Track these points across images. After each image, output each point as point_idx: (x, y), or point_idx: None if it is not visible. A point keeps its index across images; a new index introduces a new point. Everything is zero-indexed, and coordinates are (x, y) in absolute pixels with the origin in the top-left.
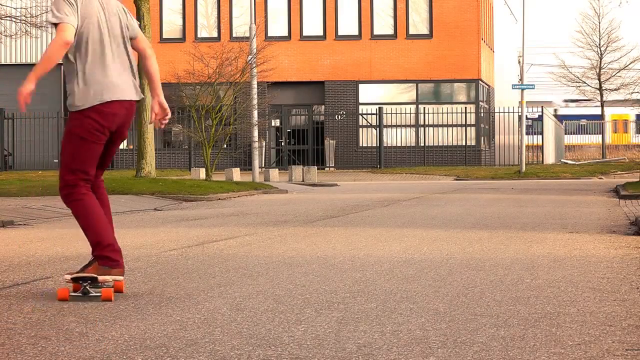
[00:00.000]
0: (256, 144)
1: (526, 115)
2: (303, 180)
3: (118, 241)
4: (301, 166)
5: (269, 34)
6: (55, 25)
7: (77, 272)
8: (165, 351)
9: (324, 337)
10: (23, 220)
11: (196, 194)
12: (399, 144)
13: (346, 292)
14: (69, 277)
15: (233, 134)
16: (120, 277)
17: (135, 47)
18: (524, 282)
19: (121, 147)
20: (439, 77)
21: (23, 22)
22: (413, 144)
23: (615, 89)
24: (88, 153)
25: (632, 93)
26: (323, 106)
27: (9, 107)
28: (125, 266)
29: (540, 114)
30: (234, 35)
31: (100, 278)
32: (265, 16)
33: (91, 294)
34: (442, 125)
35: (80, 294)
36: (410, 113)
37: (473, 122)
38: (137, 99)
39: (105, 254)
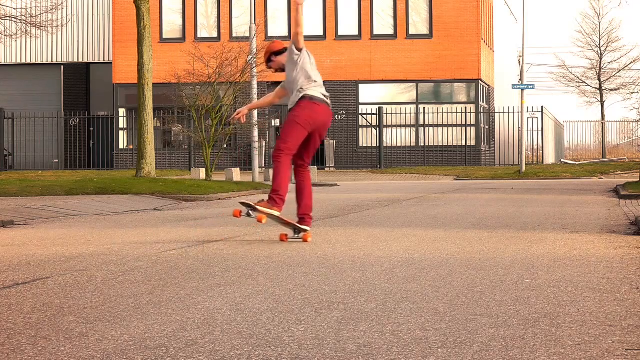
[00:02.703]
0: (256, 144)
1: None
2: None
3: (117, 242)
4: None
5: (269, 34)
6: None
7: (249, 202)
8: (165, 351)
9: (324, 337)
10: (23, 220)
11: (196, 194)
12: (399, 144)
13: (346, 292)
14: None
15: (233, 134)
16: (277, 212)
17: None
18: (524, 282)
19: (121, 147)
20: (439, 77)
21: (23, 22)
22: (413, 144)
23: (615, 89)
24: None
25: (632, 93)
26: None
27: (9, 107)
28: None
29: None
30: (234, 35)
31: (259, 208)
32: (265, 16)
33: (251, 216)
34: (442, 125)
35: (245, 215)
36: (410, 113)
37: (473, 122)
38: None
39: (273, 196)
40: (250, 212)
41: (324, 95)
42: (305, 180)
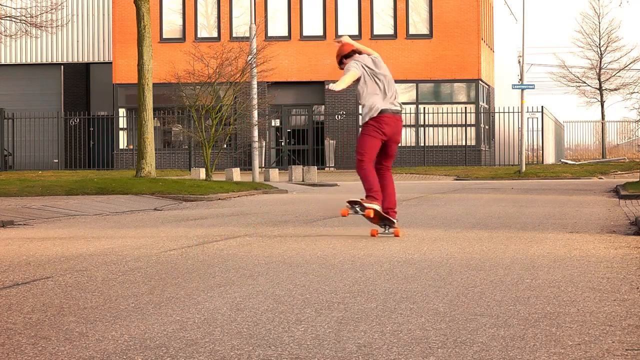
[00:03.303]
0: (256, 144)
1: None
2: (303, 180)
3: (117, 242)
4: (301, 166)
5: (269, 34)
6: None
7: (357, 199)
8: (165, 351)
9: (324, 337)
10: (23, 220)
11: (196, 194)
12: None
13: (346, 292)
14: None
15: (233, 134)
16: (377, 207)
17: None
18: (524, 282)
19: (121, 147)
20: (439, 77)
21: (23, 22)
22: (413, 144)
23: (615, 89)
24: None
25: (632, 93)
26: (323, 106)
27: (9, 107)
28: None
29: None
30: (234, 35)
31: (366, 204)
32: (265, 16)
33: (359, 213)
34: (442, 125)
35: (352, 213)
36: (410, 113)
37: (473, 122)
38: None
39: (369, 194)
40: (358, 209)
41: (393, 104)
42: (387, 180)
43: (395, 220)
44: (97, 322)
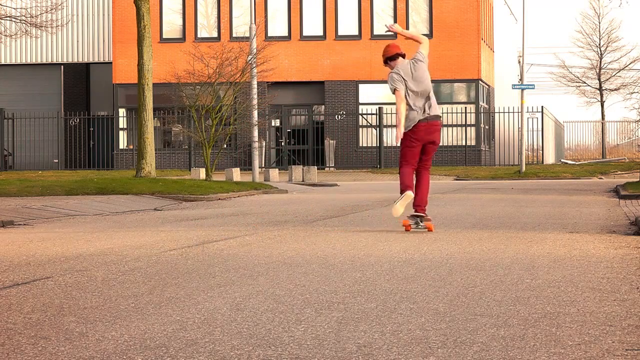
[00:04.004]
0: (256, 144)
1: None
2: (303, 180)
3: (117, 242)
4: (301, 166)
5: (269, 34)
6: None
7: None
8: (165, 351)
9: (324, 337)
10: (23, 220)
11: (196, 194)
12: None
13: (346, 292)
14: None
15: (233, 134)
16: (411, 193)
17: None
18: (524, 282)
19: (121, 147)
20: (439, 77)
21: (23, 22)
22: None
23: (615, 89)
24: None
25: (632, 93)
26: (323, 106)
27: (9, 107)
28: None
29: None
30: (234, 35)
31: (399, 201)
32: (265, 16)
33: (420, 225)
34: (442, 125)
35: (414, 226)
36: None
37: (473, 122)
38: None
39: (403, 188)
40: (419, 220)
41: (427, 113)
42: (423, 178)
43: (424, 215)
44: (97, 322)
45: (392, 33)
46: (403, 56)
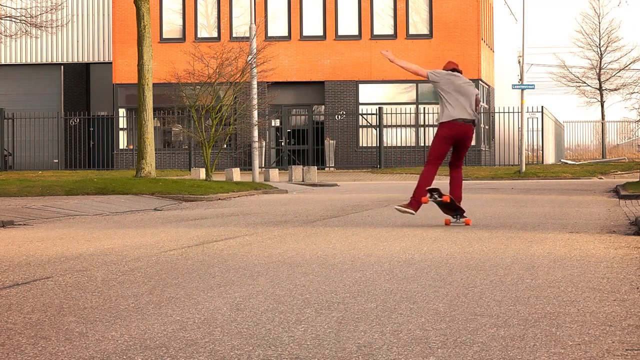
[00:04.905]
0: (256, 144)
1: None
2: (303, 180)
3: (117, 242)
4: (301, 166)
5: (269, 34)
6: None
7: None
8: (165, 351)
9: (324, 337)
10: (23, 220)
11: (196, 194)
12: (398, 144)
13: (346, 292)
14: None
15: (233, 134)
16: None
17: None
18: (524, 282)
19: (121, 147)
20: None
21: (23, 22)
22: (413, 144)
23: (615, 89)
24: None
25: (632, 93)
26: (323, 106)
27: (9, 107)
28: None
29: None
30: (234, 35)
31: (426, 198)
32: (265, 16)
33: (437, 199)
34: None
35: (432, 200)
36: (410, 113)
37: None
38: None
39: (416, 201)
40: (436, 195)
41: (463, 114)
42: (456, 176)
43: (460, 208)
44: (97, 322)
45: (392, 33)
46: (459, 72)
